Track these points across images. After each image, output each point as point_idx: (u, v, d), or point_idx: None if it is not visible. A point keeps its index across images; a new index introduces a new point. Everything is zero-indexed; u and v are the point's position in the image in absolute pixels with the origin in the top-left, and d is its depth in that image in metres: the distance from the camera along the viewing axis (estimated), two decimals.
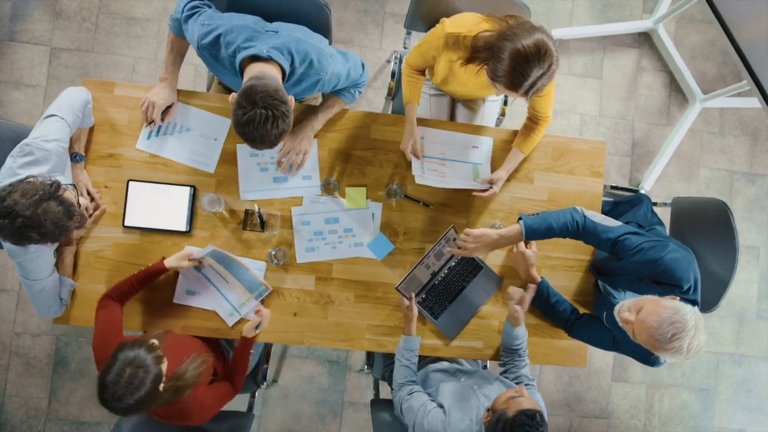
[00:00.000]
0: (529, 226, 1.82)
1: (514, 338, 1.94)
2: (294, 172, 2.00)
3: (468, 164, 2.07)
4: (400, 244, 2.06)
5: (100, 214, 1.94)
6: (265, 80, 1.52)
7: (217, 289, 1.96)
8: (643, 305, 1.58)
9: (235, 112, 1.52)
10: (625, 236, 1.76)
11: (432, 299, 2.06)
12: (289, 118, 1.54)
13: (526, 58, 1.55)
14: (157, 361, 1.51)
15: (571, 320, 2.02)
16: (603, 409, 3.05)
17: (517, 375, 1.91)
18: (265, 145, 1.56)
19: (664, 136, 3.16)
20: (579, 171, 2.17)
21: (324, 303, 2.03)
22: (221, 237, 1.99)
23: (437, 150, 2.06)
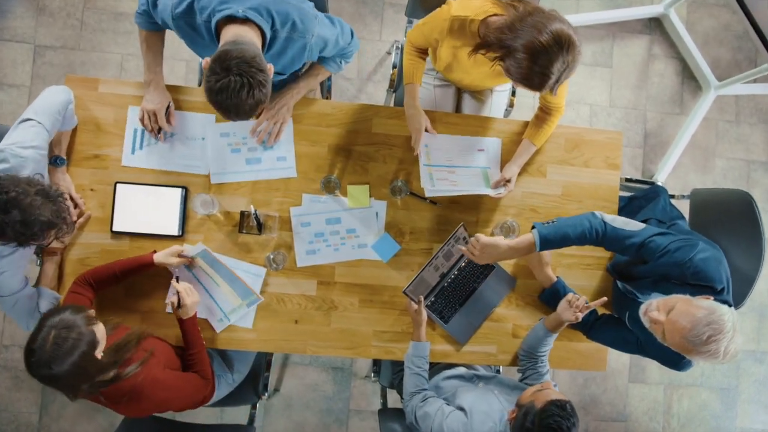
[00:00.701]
0: (544, 236, 1.71)
1: (544, 344, 1.84)
2: (271, 142, 1.89)
3: (476, 169, 1.96)
4: (406, 245, 1.96)
5: (84, 221, 1.83)
6: (242, 45, 1.40)
7: (208, 293, 1.85)
8: (675, 304, 1.48)
9: (207, 79, 1.40)
10: (650, 239, 1.65)
11: (441, 302, 1.96)
12: (266, 88, 1.43)
13: (546, 54, 1.43)
14: (87, 321, 1.43)
15: (590, 322, 1.92)
16: (620, 411, 2.94)
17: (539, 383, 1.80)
18: (239, 115, 1.45)
19: (678, 125, 3.05)
20: (594, 163, 2.06)
21: (327, 309, 1.92)
22: (216, 240, 1.89)
23: (443, 157, 1.95)
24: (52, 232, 1.48)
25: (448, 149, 1.96)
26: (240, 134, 1.91)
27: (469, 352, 1.97)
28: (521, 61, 1.47)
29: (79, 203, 1.81)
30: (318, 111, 1.95)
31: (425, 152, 1.90)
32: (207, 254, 1.82)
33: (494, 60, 1.56)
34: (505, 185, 1.91)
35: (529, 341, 1.89)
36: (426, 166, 1.88)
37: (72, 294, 1.69)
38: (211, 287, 1.85)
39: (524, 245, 1.73)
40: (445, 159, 1.95)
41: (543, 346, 1.84)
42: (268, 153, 1.91)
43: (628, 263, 1.83)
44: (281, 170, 1.91)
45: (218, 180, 1.88)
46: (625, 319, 1.84)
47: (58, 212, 1.47)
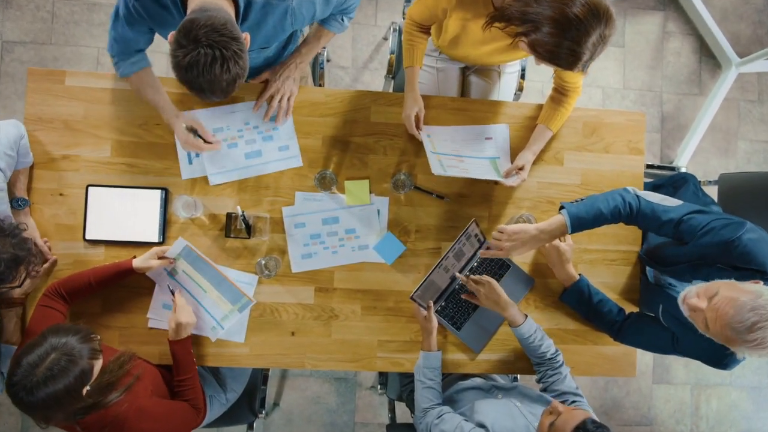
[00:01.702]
0: (575, 214, 1.54)
1: (531, 341, 1.67)
2: (281, 120, 1.73)
3: (485, 160, 1.79)
4: (411, 245, 1.79)
5: (50, 267, 1.66)
6: (210, 12, 1.22)
7: (197, 300, 1.69)
8: (718, 289, 1.31)
9: (174, 54, 1.22)
10: (690, 215, 1.49)
11: (452, 307, 1.79)
12: (243, 60, 1.25)
13: (579, 27, 1.26)
14: (91, 354, 1.28)
15: (618, 322, 1.75)
16: (644, 415, 2.78)
17: (559, 390, 1.63)
18: (215, 94, 1.27)
19: (697, 107, 2.88)
20: (615, 148, 1.89)
21: (326, 318, 1.75)
22: (201, 247, 1.71)
23: (449, 147, 1.78)
24: (21, 269, 1.34)
25: (452, 140, 1.79)
26: (235, 127, 1.74)
27: (485, 360, 1.81)
28: (549, 36, 1.29)
29: (43, 250, 1.64)
30: (310, 99, 1.78)
31: (429, 141, 1.74)
32: (190, 252, 1.65)
33: (516, 36, 1.38)
34: (518, 173, 1.74)
35: (524, 349, 1.73)
36: (433, 153, 1.71)
37: (41, 308, 1.53)
38: (199, 294, 1.68)
39: (555, 225, 1.57)
40: (452, 149, 1.78)
41: (534, 344, 1.67)
42: (267, 144, 1.74)
43: (664, 247, 1.66)
44: (285, 161, 1.75)
45: (216, 181, 1.71)
46: (659, 314, 1.67)
47: (19, 244, 1.33)
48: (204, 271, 1.68)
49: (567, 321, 1.84)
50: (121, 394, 1.39)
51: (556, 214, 1.60)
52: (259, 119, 1.74)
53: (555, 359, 1.66)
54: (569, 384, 1.63)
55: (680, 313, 1.42)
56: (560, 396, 1.63)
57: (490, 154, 1.80)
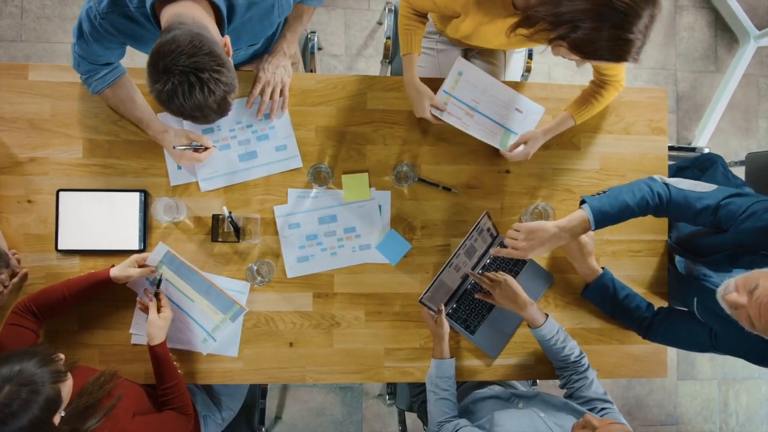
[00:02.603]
0: (597, 208, 1.40)
1: (553, 343, 1.53)
2: (276, 113, 1.59)
3: (499, 127, 1.64)
4: (417, 242, 1.64)
5: (20, 282, 1.52)
6: (176, 32, 1.09)
7: (184, 311, 1.54)
8: (757, 281, 1.18)
9: (151, 89, 1.12)
10: (728, 200, 1.35)
11: (465, 309, 1.65)
12: (225, 74, 1.12)
13: (627, 11, 1.11)
14: (53, 377, 1.13)
15: (647, 319, 1.61)
16: (670, 414, 2.64)
17: (586, 397, 1.49)
18: (210, 117, 1.16)
19: (714, 84, 2.74)
20: (636, 129, 1.75)
21: (327, 326, 1.61)
22: (186, 253, 1.57)
23: (470, 95, 1.63)
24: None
25: (480, 88, 1.64)
26: (226, 126, 1.59)
27: (502, 366, 1.66)
28: (592, 31, 1.14)
29: (12, 263, 1.49)
30: (301, 87, 1.64)
31: (454, 79, 1.61)
32: (172, 259, 1.51)
33: (552, 42, 1.23)
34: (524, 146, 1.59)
35: (546, 352, 1.59)
36: (445, 93, 1.57)
37: (10, 327, 1.39)
38: (186, 305, 1.54)
39: (576, 222, 1.42)
40: (471, 98, 1.63)
41: (556, 346, 1.53)
42: (263, 144, 1.60)
43: (697, 235, 1.52)
44: (283, 162, 1.61)
45: (208, 187, 1.57)
46: (693, 308, 1.53)
47: None
48: (189, 279, 1.53)
49: (590, 319, 1.70)
50: (100, 420, 1.25)
51: (576, 205, 1.46)
52: (251, 117, 1.60)
53: (580, 362, 1.52)
54: (597, 389, 1.49)
55: (718, 306, 1.29)
56: (587, 403, 1.49)
57: (509, 125, 1.65)
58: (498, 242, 1.66)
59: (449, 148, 1.67)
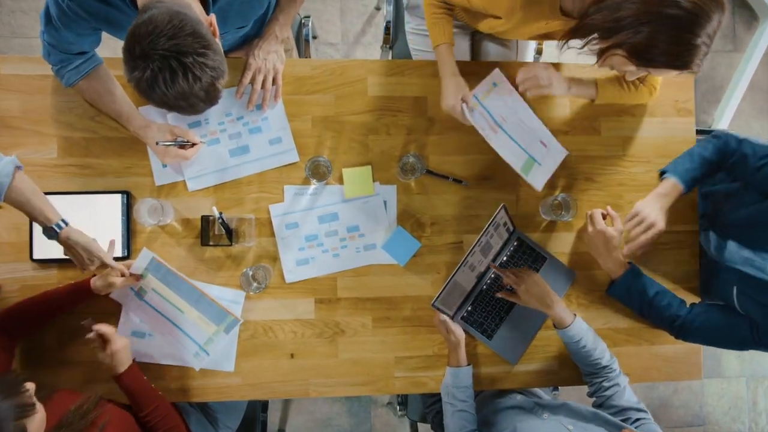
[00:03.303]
0: (681, 171, 1.45)
1: (581, 345, 1.41)
2: (269, 103, 1.47)
3: (523, 152, 1.51)
4: (427, 240, 1.52)
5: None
6: (153, 11, 0.97)
7: (172, 323, 1.41)
8: None
9: (129, 78, 1.00)
10: None
11: (481, 312, 1.52)
12: (210, 56, 1.00)
13: (697, 13, 1.01)
14: (19, 412, 0.99)
15: (680, 317, 1.48)
16: (696, 414, 2.52)
17: (619, 407, 1.37)
18: (198, 106, 1.05)
19: (733, 65, 2.61)
20: (660, 111, 1.62)
21: (331, 335, 1.49)
22: (175, 258, 1.45)
23: (499, 110, 1.50)
24: None
25: (512, 108, 1.52)
26: (214, 119, 1.47)
27: (524, 372, 1.54)
28: (655, 35, 1.04)
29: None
30: (295, 74, 1.51)
31: (487, 88, 1.50)
32: (158, 266, 1.39)
33: (608, 50, 1.13)
34: None
35: (573, 356, 1.47)
36: (476, 98, 1.45)
37: None
38: (175, 316, 1.41)
39: (669, 189, 1.44)
40: (499, 113, 1.50)
41: (586, 349, 1.42)
42: (256, 137, 1.47)
43: (737, 205, 1.41)
44: (278, 156, 1.48)
45: (196, 186, 1.45)
46: (732, 299, 1.41)
47: None
48: (178, 288, 1.41)
49: (617, 318, 1.57)
50: None
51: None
52: (242, 108, 1.47)
53: (610, 368, 1.40)
54: (630, 398, 1.37)
55: (763, 295, 1.17)
56: (620, 413, 1.36)
57: (533, 153, 1.52)
58: (515, 238, 1.53)
59: (459, 136, 1.54)
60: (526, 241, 1.54)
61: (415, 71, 1.54)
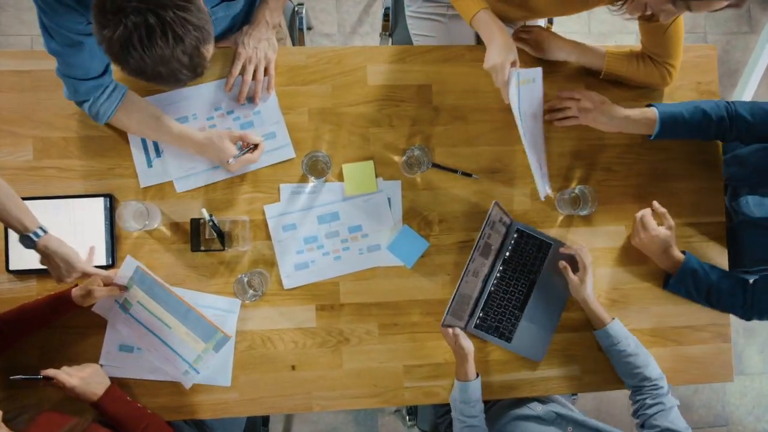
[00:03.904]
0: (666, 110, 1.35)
1: (623, 349, 1.33)
2: (261, 95, 1.37)
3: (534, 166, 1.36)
4: (435, 239, 1.42)
5: None
6: None
7: (160, 339, 1.31)
8: None
9: (99, 39, 0.89)
10: None
11: (494, 315, 1.42)
12: (194, 9, 0.90)
13: None
14: None
15: (748, 295, 1.37)
16: (718, 414, 2.42)
17: (661, 427, 1.26)
18: (179, 76, 0.95)
19: (749, 47, 2.51)
20: (682, 93, 1.52)
21: (335, 344, 1.39)
22: (164, 266, 1.35)
23: (530, 108, 1.36)
24: None
25: (532, 115, 1.38)
26: (203, 114, 1.37)
27: (542, 378, 1.44)
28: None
29: None
30: (288, 63, 1.41)
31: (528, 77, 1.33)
32: (143, 276, 1.29)
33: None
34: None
35: (615, 366, 1.39)
36: (517, 76, 1.29)
37: None
38: (163, 332, 1.31)
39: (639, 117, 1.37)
40: (531, 112, 1.36)
41: (628, 352, 1.34)
42: (248, 132, 1.37)
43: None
44: (272, 152, 1.38)
45: (186, 186, 1.35)
46: None
47: None
48: (165, 301, 1.30)
49: (640, 318, 1.47)
50: None
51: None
52: (233, 101, 1.38)
53: (657, 384, 1.31)
54: (676, 420, 1.27)
55: None
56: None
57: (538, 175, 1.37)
58: (514, 230, 1.43)
59: (466, 127, 1.44)
60: (526, 230, 1.44)
61: (417, 57, 1.44)
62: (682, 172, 1.50)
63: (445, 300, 1.41)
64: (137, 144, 1.35)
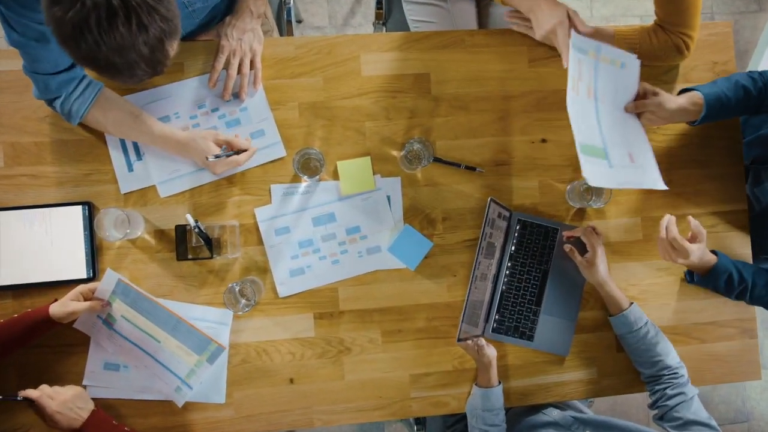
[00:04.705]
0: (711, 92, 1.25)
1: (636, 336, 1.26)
2: (247, 91, 1.29)
3: (598, 135, 1.22)
4: (440, 238, 1.34)
5: None
6: None
7: (149, 354, 1.23)
8: None
9: (48, 17, 0.80)
10: None
11: (510, 316, 1.34)
12: (167, 4, 0.82)
13: None
14: None
15: None
16: (738, 410, 2.35)
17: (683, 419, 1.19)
18: (136, 70, 0.87)
19: (758, 26, 2.43)
20: (697, 75, 1.45)
21: (335, 354, 1.31)
22: (149, 277, 1.27)
23: (604, 85, 1.25)
24: None
25: (617, 99, 1.28)
26: (185, 112, 1.29)
27: (557, 383, 1.36)
28: None
29: None
30: (276, 55, 1.33)
31: (612, 56, 1.25)
32: (126, 289, 1.20)
33: None
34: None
35: (625, 347, 1.32)
36: (589, 48, 1.21)
37: None
38: (151, 347, 1.23)
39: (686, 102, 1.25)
40: (603, 88, 1.24)
41: (648, 338, 1.26)
42: (234, 131, 1.29)
43: None
44: (261, 151, 1.30)
45: (170, 191, 1.26)
46: None
47: None
48: (151, 313, 1.22)
49: (660, 314, 1.39)
50: None
51: None
52: (217, 98, 1.29)
53: (677, 372, 1.24)
54: (698, 411, 1.19)
55: None
56: (683, 427, 1.19)
57: (609, 149, 1.22)
58: (515, 222, 1.35)
59: (469, 117, 1.36)
60: (528, 219, 1.35)
61: (414, 45, 1.36)
62: (700, 157, 1.42)
63: (452, 303, 1.33)
64: (116, 146, 1.27)
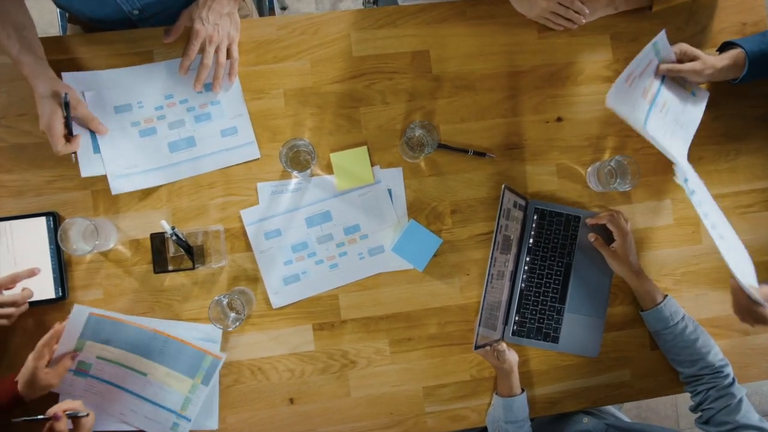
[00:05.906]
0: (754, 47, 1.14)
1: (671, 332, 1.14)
2: (222, 83, 1.16)
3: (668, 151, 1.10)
4: (449, 234, 1.21)
5: None
6: None
7: (136, 395, 1.11)
8: None
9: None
10: None
11: (532, 316, 1.22)
12: None
13: None
14: None
15: None
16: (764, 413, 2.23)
17: (733, 424, 1.07)
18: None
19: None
20: (724, 37, 1.32)
21: (339, 369, 1.18)
22: (127, 293, 1.14)
23: (667, 97, 1.15)
24: None
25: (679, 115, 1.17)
26: (150, 103, 1.16)
27: (584, 388, 1.24)
28: None
29: None
30: (256, 37, 1.20)
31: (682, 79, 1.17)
32: (98, 324, 1.08)
33: None
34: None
35: (667, 350, 1.19)
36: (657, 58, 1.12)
37: None
38: (137, 384, 1.10)
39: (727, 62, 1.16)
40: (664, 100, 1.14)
41: (686, 334, 1.13)
42: (203, 127, 1.16)
43: None
44: (232, 151, 1.17)
45: (123, 188, 1.13)
46: None
47: None
48: (132, 343, 1.09)
49: (698, 306, 1.27)
50: None
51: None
52: (188, 88, 1.16)
53: (722, 372, 1.12)
54: (749, 414, 1.07)
55: None
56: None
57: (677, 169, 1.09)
58: (532, 211, 1.22)
59: (475, 97, 1.23)
60: (547, 208, 1.23)
61: (410, 19, 1.23)
62: (735, 131, 1.30)
63: (466, 306, 1.20)
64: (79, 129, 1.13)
